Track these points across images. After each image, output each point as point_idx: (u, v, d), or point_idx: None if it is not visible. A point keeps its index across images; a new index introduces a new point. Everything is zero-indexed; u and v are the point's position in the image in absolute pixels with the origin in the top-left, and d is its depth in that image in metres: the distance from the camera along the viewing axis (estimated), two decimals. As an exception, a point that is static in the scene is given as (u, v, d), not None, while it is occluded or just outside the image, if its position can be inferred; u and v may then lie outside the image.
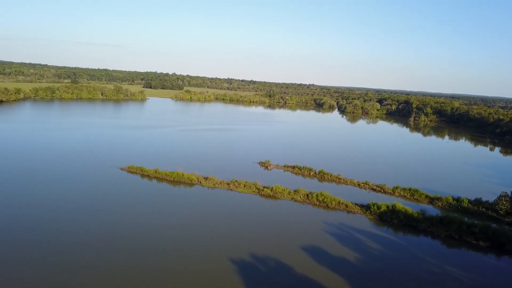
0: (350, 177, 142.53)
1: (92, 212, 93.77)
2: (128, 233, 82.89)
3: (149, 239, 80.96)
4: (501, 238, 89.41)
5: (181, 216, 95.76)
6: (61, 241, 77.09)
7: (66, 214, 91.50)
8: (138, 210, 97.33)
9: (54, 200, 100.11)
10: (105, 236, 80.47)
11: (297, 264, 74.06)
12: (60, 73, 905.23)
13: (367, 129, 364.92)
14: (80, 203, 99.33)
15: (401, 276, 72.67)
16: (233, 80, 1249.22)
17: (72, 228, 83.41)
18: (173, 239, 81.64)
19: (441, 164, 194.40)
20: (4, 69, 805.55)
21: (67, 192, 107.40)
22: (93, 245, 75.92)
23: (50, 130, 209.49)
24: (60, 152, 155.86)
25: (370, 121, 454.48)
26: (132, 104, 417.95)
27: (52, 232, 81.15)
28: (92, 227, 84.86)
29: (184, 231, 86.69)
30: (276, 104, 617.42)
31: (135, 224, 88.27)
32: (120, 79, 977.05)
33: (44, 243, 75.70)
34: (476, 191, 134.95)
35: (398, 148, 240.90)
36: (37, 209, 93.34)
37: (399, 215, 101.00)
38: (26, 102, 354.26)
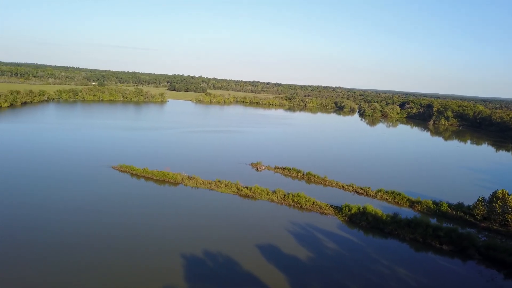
0: (337, 179, 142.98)
1: (74, 210, 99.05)
2: (103, 232, 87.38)
3: (121, 237, 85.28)
4: (464, 242, 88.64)
5: (153, 214, 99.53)
6: (48, 240, 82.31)
7: (53, 212, 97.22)
8: (117, 208, 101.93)
9: (41, 199, 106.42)
10: (82, 235, 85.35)
11: (245, 261, 76.26)
12: (89, 75, 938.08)
13: (382, 132, 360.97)
14: (67, 201, 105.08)
15: (345, 276, 73.78)
16: (258, 83, 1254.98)
17: (56, 228, 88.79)
18: (132, 236, 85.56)
19: (446, 168, 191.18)
20: (38, 72, 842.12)
21: (57, 190, 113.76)
22: (70, 243, 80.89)
23: (53, 130, 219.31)
24: (58, 151, 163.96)
25: (389, 124, 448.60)
26: (150, 106, 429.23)
27: (40, 231, 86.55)
28: (71, 225, 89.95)
29: (149, 228, 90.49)
30: (296, 107, 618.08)
31: (110, 223, 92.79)
32: (147, 81, 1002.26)
33: (31, 242, 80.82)
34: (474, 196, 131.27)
35: (405, 152, 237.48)
36: (30, 208, 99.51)
37: (368, 217, 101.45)
38: (49, 104, 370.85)
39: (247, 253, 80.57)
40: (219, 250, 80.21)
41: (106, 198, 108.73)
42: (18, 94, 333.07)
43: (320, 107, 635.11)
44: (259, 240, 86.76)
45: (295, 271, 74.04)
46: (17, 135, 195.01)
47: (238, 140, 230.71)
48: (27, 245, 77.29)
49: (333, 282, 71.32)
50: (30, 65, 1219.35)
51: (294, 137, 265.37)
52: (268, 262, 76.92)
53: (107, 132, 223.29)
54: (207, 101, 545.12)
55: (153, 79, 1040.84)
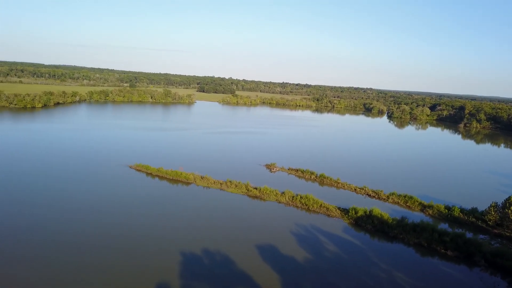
0: (350, 182, 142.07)
1: (88, 209, 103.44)
2: (106, 231, 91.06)
3: (121, 236, 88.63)
4: (470, 248, 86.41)
5: (159, 214, 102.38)
6: (56, 239, 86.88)
7: (64, 212, 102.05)
8: (123, 208, 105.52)
9: (53, 198, 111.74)
10: (95, 234, 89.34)
11: (242, 261, 77.41)
12: (122, 77, 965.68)
13: (409, 134, 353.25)
14: (77, 199, 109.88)
15: (339, 278, 73.70)
16: (287, 84, 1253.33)
17: (64, 227, 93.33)
18: (131, 236, 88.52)
19: (472, 172, 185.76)
20: (74, 73, 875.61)
21: (71, 188, 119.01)
22: (83, 243, 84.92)
23: (78, 130, 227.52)
24: (79, 150, 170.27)
25: (418, 126, 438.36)
26: (177, 107, 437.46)
27: (48, 230, 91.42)
28: (85, 225, 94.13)
29: (152, 228, 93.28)
30: (323, 108, 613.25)
31: (112, 222, 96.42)
32: (178, 83, 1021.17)
33: (40, 242, 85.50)
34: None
35: (429, 154, 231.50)
36: (43, 206, 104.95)
37: (374, 221, 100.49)
38: (81, 104, 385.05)
39: (246, 253, 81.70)
40: (219, 250, 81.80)
41: (117, 197, 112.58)
42: (52, 95, 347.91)
43: (348, 108, 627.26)
44: (260, 241, 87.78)
45: (290, 272, 74.61)
46: (44, 134, 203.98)
47: (256, 141, 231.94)
48: (41, 243, 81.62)
49: (326, 284, 71.40)
50: (68, 67, 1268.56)
51: (314, 138, 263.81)
52: (265, 262, 77.84)
53: (129, 132, 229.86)
54: (234, 102, 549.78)
55: (183, 81, 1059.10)
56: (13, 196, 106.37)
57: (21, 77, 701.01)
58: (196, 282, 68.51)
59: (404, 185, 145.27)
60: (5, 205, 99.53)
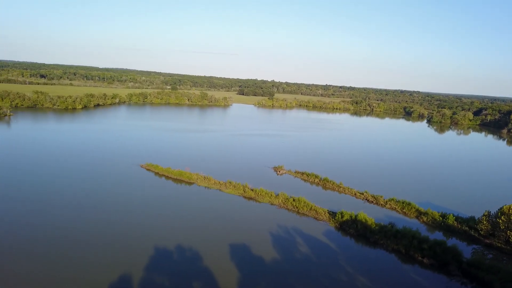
0: (353, 186, 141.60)
1: (88, 206, 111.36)
2: (100, 228, 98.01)
3: (107, 233, 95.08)
4: (447, 257, 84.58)
5: (152, 213, 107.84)
6: (57, 235, 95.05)
7: (64, 208, 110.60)
8: (128, 206, 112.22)
9: (64, 195, 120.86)
10: (91, 230, 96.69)
11: (208, 260, 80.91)
12: (167, 80, 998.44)
13: (447, 140, 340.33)
14: (85, 196, 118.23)
15: (298, 280, 75.20)
16: (330, 87, 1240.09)
17: (63, 223, 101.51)
18: (111, 233, 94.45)
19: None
20: (122, 76, 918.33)
21: (81, 186, 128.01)
22: (79, 239, 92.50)
23: (104, 130, 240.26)
24: (99, 149, 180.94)
25: (459, 132, 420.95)
26: (212, 110, 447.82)
27: (52, 226, 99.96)
28: (82, 221, 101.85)
29: (138, 226, 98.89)
30: (362, 112, 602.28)
31: (106, 219, 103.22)
32: (220, 86, 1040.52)
33: (45, 239, 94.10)
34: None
35: (458, 162, 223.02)
36: (48, 202, 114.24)
37: (358, 225, 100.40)
38: (120, 106, 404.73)
39: (216, 252, 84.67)
40: (192, 248, 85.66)
41: (119, 195, 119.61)
42: (92, 97, 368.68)
43: (388, 112, 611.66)
44: (236, 241, 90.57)
45: (251, 272, 77.06)
46: (72, 133, 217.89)
47: (272, 144, 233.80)
48: (41, 238, 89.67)
49: (283, 285, 73.22)
50: (118, 70, 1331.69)
51: (334, 142, 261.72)
52: (231, 262, 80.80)
53: (151, 133, 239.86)
54: (269, 105, 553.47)
55: (226, 84, 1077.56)
56: (22, 194, 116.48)
57: (73, 80, 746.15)
58: (157, 275, 72.75)
59: (419, 191, 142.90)
60: (18, 202, 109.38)
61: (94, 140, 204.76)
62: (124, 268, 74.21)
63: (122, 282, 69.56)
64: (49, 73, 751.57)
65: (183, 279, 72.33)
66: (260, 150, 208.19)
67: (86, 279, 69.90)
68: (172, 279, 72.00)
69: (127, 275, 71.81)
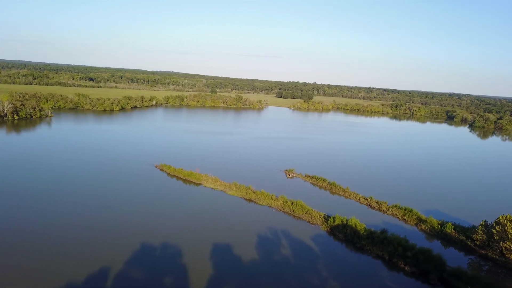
0: (360, 192, 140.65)
1: (95, 205, 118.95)
2: (109, 228, 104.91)
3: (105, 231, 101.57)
4: (428, 266, 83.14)
5: (154, 212, 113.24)
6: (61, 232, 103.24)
7: (70, 207, 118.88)
8: (134, 205, 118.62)
9: (75, 193, 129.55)
10: (94, 228, 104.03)
11: (189, 259, 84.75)
12: (209, 83, 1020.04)
13: (490, 146, 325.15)
14: (94, 195, 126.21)
15: (268, 282, 77.20)
16: (373, 89, 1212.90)
17: (70, 221, 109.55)
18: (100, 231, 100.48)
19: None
20: (165, 79, 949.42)
21: (96, 184, 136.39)
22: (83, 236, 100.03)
23: (130, 132, 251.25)
24: (119, 149, 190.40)
25: (504, 137, 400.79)
26: (245, 112, 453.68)
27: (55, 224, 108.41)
28: (86, 219, 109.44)
29: (135, 225, 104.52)
30: (402, 115, 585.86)
31: (105, 218, 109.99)
32: (261, 88, 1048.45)
33: (44, 234, 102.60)
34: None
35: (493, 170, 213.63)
36: (58, 199, 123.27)
37: (347, 230, 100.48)
38: (157, 108, 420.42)
39: (198, 251, 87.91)
40: (177, 245, 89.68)
41: (128, 194, 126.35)
42: (130, 100, 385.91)
43: (429, 116, 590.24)
44: (222, 241, 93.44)
45: (224, 272, 79.97)
46: (106, 134, 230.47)
47: (291, 147, 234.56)
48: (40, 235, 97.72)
49: (250, 286, 75.56)
50: (163, 73, 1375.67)
51: (355, 146, 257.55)
52: (210, 261, 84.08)
53: (176, 135, 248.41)
54: (305, 108, 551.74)
55: (266, 86, 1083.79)
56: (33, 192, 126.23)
57: (118, 82, 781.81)
58: (135, 269, 77.34)
59: (434, 198, 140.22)
60: (27, 199, 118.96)
61: (119, 140, 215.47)
62: (106, 263, 79.36)
63: (99, 276, 74.71)
64: (97, 76, 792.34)
65: (157, 274, 76.38)
66: (277, 153, 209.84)
67: (73, 271, 75.81)
68: (148, 273, 76.27)
69: (106, 269, 76.94)
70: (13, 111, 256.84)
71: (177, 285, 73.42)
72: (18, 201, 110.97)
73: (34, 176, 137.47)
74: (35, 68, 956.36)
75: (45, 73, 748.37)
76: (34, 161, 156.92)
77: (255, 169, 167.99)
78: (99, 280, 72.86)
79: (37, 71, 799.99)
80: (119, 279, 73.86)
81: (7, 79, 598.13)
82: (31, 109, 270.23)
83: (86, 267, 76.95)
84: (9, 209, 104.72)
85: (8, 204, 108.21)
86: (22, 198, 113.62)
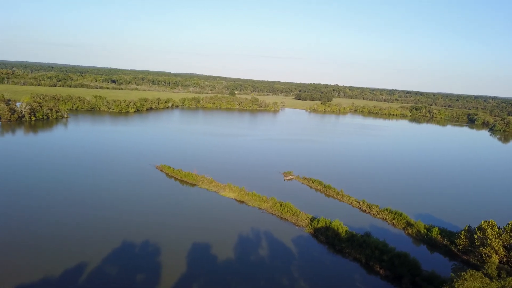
0: (353, 195, 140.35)
1: (92, 203, 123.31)
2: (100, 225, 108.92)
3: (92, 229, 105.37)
4: (402, 270, 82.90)
5: (145, 212, 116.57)
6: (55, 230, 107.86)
7: (68, 204, 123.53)
8: (129, 204, 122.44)
9: (75, 191, 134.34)
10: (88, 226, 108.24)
11: (168, 254, 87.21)
12: (230, 85, 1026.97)
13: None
14: (92, 192, 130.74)
15: (238, 280, 78.74)
16: (396, 91, 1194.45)
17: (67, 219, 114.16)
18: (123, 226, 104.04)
19: None
20: (186, 81, 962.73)
21: (97, 183, 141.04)
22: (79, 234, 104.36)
23: (138, 132, 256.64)
24: (123, 150, 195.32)
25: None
26: (259, 115, 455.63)
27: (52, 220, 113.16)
28: (81, 217, 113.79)
29: (127, 224, 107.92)
30: (421, 118, 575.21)
31: (111, 217, 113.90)
32: (280, 90, 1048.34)
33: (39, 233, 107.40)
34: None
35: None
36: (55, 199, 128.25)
37: (329, 232, 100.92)
38: (172, 110, 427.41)
39: (176, 249, 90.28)
40: (157, 244, 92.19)
41: (124, 194, 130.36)
42: (146, 101, 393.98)
43: (450, 119, 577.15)
44: (201, 240, 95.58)
45: (196, 271, 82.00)
46: (114, 134, 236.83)
47: (295, 149, 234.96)
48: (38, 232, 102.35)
49: (219, 284, 77.29)
50: (186, 75, 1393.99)
51: (359, 148, 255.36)
52: (185, 258, 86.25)
53: (179, 136, 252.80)
54: (321, 110, 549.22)
55: (286, 88, 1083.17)
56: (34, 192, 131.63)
57: (140, 84, 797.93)
58: (108, 266, 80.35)
59: (433, 201, 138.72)
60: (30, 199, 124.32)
61: (126, 141, 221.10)
62: (83, 258, 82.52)
63: (75, 272, 77.95)
64: (119, 78, 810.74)
65: (131, 270, 79.07)
66: (279, 155, 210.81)
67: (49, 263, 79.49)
68: (121, 269, 79.06)
69: (83, 265, 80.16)
70: (30, 112, 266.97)
71: (148, 281, 75.81)
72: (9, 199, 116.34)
73: (31, 174, 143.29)
74: (61, 70, 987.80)
75: (70, 75, 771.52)
76: (38, 161, 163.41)
77: (254, 171, 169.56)
78: (74, 275, 75.98)
79: (62, 73, 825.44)
80: (94, 274, 76.83)
81: (33, 81, 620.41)
82: (48, 110, 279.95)
83: (63, 262, 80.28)
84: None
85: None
86: (13, 196, 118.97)
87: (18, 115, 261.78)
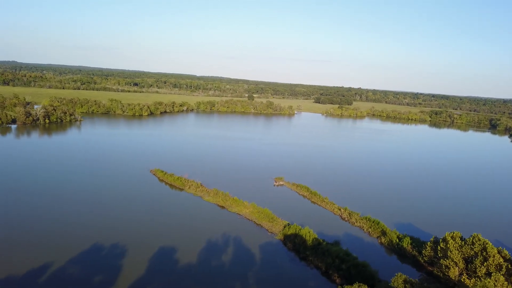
0: (337, 202, 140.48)
1: (83, 205, 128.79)
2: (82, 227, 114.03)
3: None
4: (357, 279, 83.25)
5: (132, 213, 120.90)
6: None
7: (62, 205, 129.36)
8: (113, 207, 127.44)
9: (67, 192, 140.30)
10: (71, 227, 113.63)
11: (133, 257, 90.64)
12: (251, 88, 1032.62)
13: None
14: (86, 195, 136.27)
15: (192, 283, 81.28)
16: (420, 95, 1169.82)
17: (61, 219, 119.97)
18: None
19: None
20: (207, 84, 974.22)
21: (89, 183, 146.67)
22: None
23: (143, 136, 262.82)
24: (122, 153, 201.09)
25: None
26: (274, 119, 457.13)
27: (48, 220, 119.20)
28: (67, 217, 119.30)
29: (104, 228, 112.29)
30: (442, 123, 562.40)
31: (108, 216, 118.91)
32: (301, 93, 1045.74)
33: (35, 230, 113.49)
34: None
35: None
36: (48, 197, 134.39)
37: (297, 240, 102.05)
38: (187, 114, 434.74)
39: (141, 252, 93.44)
40: (125, 246, 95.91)
41: (112, 197, 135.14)
42: (160, 105, 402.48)
43: (471, 124, 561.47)
44: (168, 244, 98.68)
45: (157, 272, 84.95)
46: (119, 137, 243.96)
47: (294, 154, 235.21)
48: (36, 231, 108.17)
49: (171, 285, 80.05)
50: (210, 78, 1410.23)
51: (359, 154, 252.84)
52: (148, 261, 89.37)
53: (182, 139, 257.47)
54: (338, 114, 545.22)
55: (307, 91, 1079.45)
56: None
57: (161, 88, 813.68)
58: (72, 267, 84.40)
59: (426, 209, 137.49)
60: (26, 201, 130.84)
61: (129, 144, 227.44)
62: (47, 259, 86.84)
63: (36, 272, 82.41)
64: (141, 81, 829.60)
65: (92, 271, 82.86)
66: (275, 160, 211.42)
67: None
68: (81, 270, 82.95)
69: (46, 266, 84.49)
70: (44, 115, 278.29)
71: (104, 282, 79.30)
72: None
73: (29, 175, 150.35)
74: (88, 74, 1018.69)
75: (94, 78, 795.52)
76: (38, 161, 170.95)
77: (245, 176, 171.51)
78: (35, 275, 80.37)
79: (87, 76, 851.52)
80: (55, 274, 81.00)
81: (58, 84, 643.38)
82: (62, 114, 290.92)
83: (27, 263, 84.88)
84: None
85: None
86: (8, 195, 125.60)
87: (33, 118, 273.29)
